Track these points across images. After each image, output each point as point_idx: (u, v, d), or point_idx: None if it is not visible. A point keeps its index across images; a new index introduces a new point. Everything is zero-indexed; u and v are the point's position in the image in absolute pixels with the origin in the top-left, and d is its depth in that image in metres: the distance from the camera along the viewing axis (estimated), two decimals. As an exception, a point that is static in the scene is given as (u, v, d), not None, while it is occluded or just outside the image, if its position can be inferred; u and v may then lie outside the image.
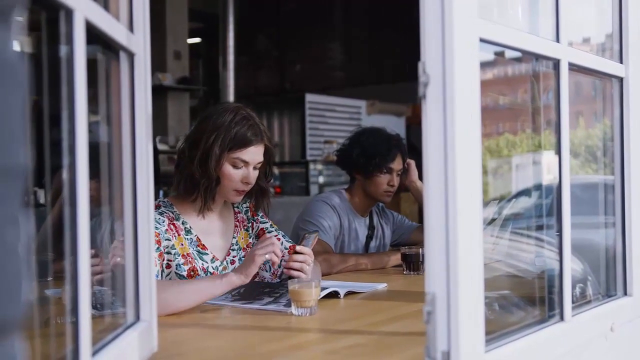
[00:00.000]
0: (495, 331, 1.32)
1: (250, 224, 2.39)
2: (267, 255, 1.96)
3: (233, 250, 2.31)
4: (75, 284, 1.00)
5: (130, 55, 1.33)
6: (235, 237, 2.32)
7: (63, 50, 1.01)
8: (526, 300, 1.71)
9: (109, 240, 1.46)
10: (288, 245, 2.37)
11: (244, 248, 2.33)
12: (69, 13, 0.99)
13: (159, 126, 7.13)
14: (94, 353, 1.08)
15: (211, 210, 2.26)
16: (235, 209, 2.38)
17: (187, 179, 2.19)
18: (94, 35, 1.11)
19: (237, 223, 2.36)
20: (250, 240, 2.36)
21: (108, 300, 1.47)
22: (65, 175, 1.00)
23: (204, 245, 2.21)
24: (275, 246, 1.99)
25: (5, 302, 0.55)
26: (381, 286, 2.33)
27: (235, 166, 2.17)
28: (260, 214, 2.42)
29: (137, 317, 1.36)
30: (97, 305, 1.34)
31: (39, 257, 1.32)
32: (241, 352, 1.54)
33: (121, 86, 1.34)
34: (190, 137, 2.21)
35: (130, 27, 1.34)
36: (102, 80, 1.32)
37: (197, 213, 2.23)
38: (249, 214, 2.40)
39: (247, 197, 2.33)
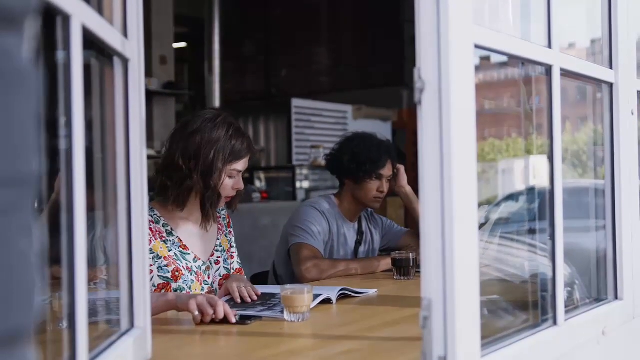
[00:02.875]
0: (490, 336, 1.32)
1: (227, 232, 2.47)
2: (196, 312, 1.79)
3: (217, 251, 2.38)
4: (73, 291, 0.99)
5: (125, 61, 1.33)
6: (219, 239, 2.40)
7: (59, 55, 1.01)
8: (518, 304, 1.72)
9: (99, 245, 1.45)
10: (237, 266, 2.44)
11: (227, 250, 2.42)
12: (66, 19, 0.99)
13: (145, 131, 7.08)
14: (90, 361, 1.08)
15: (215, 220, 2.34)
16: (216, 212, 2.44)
17: (185, 192, 2.21)
18: (88, 41, 1.10)
19: (220, 226, 2.43)
20: (229, 245, 2.45)
21: (100, 307, 1.46)
22: (62, 181, 1.00)
23: (185, 245, 2.26)
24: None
25: (19, 310, 0.55)
26: (372, 291, 2.33)
27: (230, 176, 2.25)
28: (231, 227, 2.50)
29: (132, 324, 1.35)
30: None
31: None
32: (235, 358, 1.54)
33: (115, 91, 1.33)
34: (182, 149, 2.21)
35: (125, 33, 1.33)
36: (96, 85, 1.32)
37: (193, 220, 2.30)
38: (225, 222, 2.47)
39: None
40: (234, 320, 1.80)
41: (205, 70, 8.59)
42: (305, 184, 7.45)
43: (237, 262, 2.47)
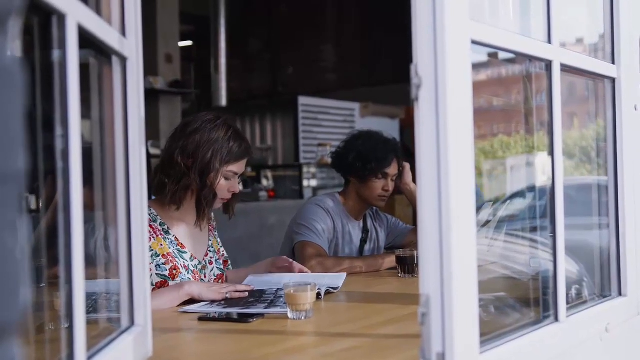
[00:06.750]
0: (490, 332, 1.32)
1: (215, 235, 2.50)
2: (227, 295, 2.11)
3: (210, 251, 2.41)
4: (70, 290, 1.00)
5: (123, 60, 1.33)
6: (210, 240, 2.43)
7: (55, 54, 1.01)
8: (521, 301, 1.72)
9: (102, 246, 1.46)
10: (217, 273, 2.42)
11: (217, 252, 2.45)
12: (62, 18, 0.99)
13: (151, 130, 7.10)
14: (89, 358, 1.08)
15: (207, 218, 2.36)
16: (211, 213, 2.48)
17: (182, 189, 2.24)
18: (86, 40, 1.10)
19: (211, 228, 2.47)
20: (218, 246, 2.48)
21: (102, 304, 1.46)
22: (59, 180, 1.00)
23: (182, 244, 2.29)
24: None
25: (4, 306, 0.55)
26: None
27: (226, 178, 2.28)
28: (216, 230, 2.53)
29: (132, 322, 1.35)
30: (89, 309, 1.33)
31: (32, 264, 1.31)
32: (236, 356, 1.54)
33: (114, 91, 1.33)
34: (181, 147, 2.24)
35: (123, 32, 1.34)
36: (94, 84, 1.32)
37: (188, 221, 2.32)
38: (214, 225, 2.50)
39: None
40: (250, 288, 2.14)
41: (212, 68, 8.58)
42: (313, 183, 7.45)
43: (218, 267, 2.45)
